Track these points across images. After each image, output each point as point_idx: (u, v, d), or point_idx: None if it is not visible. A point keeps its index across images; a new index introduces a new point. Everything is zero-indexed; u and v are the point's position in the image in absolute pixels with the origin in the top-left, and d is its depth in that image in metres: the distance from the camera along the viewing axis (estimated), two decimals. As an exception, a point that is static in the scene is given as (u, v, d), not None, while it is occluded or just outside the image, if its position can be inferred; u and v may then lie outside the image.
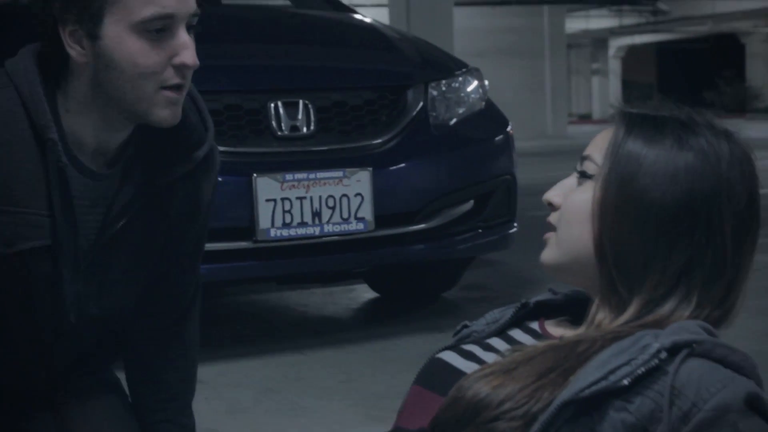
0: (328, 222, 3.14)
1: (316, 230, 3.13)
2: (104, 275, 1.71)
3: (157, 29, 1.54)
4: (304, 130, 3.21)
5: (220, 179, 2.97)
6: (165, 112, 1.58)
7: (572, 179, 1.20)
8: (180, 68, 1.56)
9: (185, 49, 1.56)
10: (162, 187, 1.70)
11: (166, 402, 1.85)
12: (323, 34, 3.85)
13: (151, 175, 1.69)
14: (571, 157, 1.72)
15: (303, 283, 4.08)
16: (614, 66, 34.43)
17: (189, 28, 1.59)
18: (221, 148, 3.08)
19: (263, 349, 3.28)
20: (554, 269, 1.19)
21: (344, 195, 3.16)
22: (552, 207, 1.20)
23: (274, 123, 3.18)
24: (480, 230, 3.53)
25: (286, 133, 3.19)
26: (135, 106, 1.58)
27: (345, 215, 3.16)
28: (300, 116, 3.21)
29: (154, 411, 1.85)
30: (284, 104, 3.20)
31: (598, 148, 1.16)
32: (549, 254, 1.19)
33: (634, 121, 1.14)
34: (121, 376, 1.87)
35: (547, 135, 19.09)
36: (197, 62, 1.58)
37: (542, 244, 1.21)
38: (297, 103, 3.22)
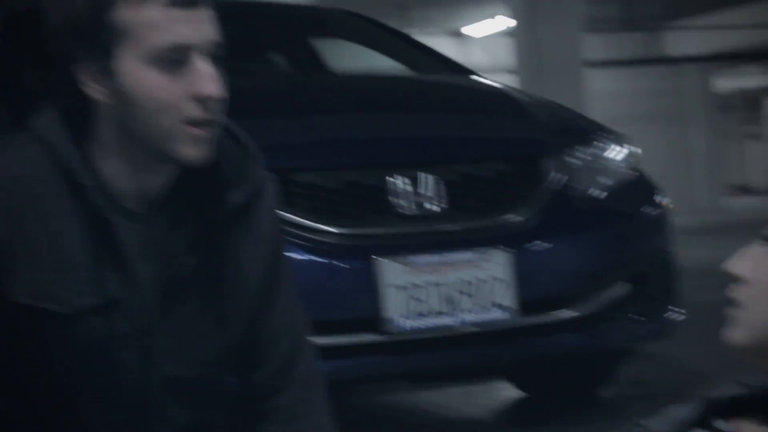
0: (465, 311, 3.13)
1: (453, 320, 3.12)
2: (175, 325, 1.77)
3: (174, 60, 1.64)
4: (431, 207, 3.23)
5: (339, 264, 3.10)
6: (191, 150, 1.67)
7: (759, 248, 1.18)
8: (202, 101, 1.65)
9: (206, 79, 1.65)
10: (217, 224, 1.78)
11: None
12: (445, 101, 3.90)
13: (203, 213, 1.76)
14: (732, 233, 1.69)
15: (438, 381, 4.07)
16: (773, 128, 33.80)
17: (213, 59, 1.67)
18: (340, 230, 3.16)
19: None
20: (745, 352, 1.17)
21: (481, 279, 3.16)
22: (735, 280, 1.18)
23: (397, 200, 3.21)
24: (638, 317, 3.48)
25: (411, 211, 3.21)
26: (159, 144, 1.67)
27: (483, 302, 3.16)
28: (426, 192, 3.24)
29: None
30: (407, 179, 3.23)
31: None
32: (739, 335, 1.17)
33: None
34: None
35: (701, 209, 18.80)
36: (221, 93, 1.66)
37: (708, 334, 1.17)
38: (421, 178, 3.25)
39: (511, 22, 9.91)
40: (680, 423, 1.22)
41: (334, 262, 3.11)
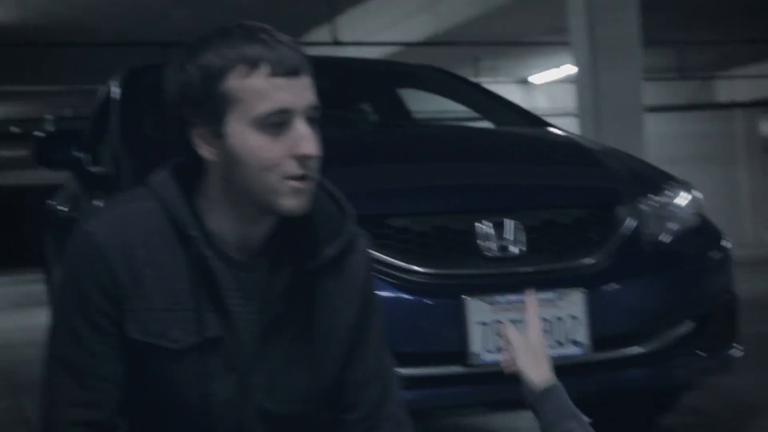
0: (542, 346, 3.13)
1: (530, 354, 3.12)
2: (271, 364, 1.81)
3: (276, 123, 1.70)
4: (514, 250, 3.25)
5: (429, 302, 3.12)
6: (291, 202, 1.73)
7: None
8: (301, 159, 1.71)
9: (305, 140, 1.71)
10: (312, 274, 1.82)
11: None
12: (525, 151, 3.92)
13: (300, 263, 1.81)
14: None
15: (513, 408, 4.06)
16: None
17: (311, 121, 1.73)
18: (430, 270, 3.19)
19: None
20: None
21: (558, 317, 3.17)
22: None
23: (482, 243, 3.23)
24: (700, 354, 3.46)
25: (495, 253, 3.23)
26: (263, 197, 1.73)
27: (560, 338, 3.16)
28: (509, 236, 3.26)
29: None
30: (492, 224, 3.25)
31: None
32: None
33: None
34: None
35: (746, 244, 18.53)
36: (318, 152, 1.72)
37: (762, 364, 1.17)
38: (504, 223, 3.27)
39: (573, 70, 9.89)
40: None
41: (425, 300, 3.13)
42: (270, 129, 1.70)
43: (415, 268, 3.18)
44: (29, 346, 8.21)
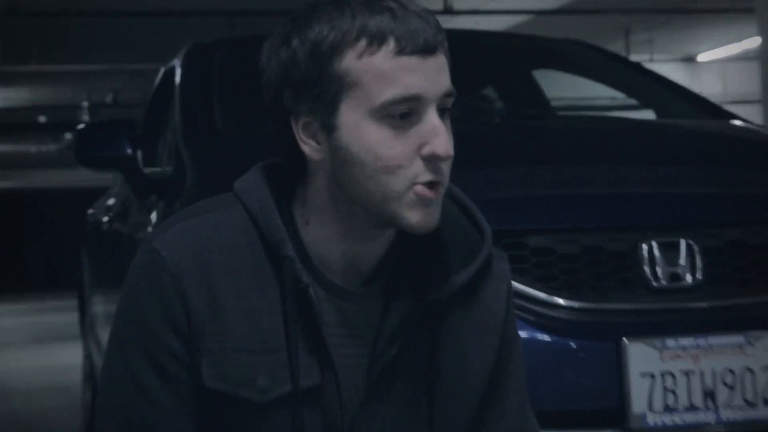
0: (726, 406, 3.07)
1: (710, 417, 3.07)
2: (380, 423, 1.79)
3: (402, 114, 1.68)
4: (689, 279, 3.19)
5: (577, 345, 3.08)
6: (417, 216, 1.70)
7: None
8: (431, 160, 1.68)
9: (436, 136, 1.68)
10: (437, 305, 1.79)
11: None
12: (701, 151, 3.86)
13: (421, 292, 1.78)
14: None
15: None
16: None
17: (443, 112, 1.70)
18: (578, 304, 3.15)
19: None
20: None
21: (748, 368, 3.10)
22: None
23: (648, 270, 3.18)
24: None
25: (664, 283, 3.18)
26: (381, 208, 1.70)
27: (750, 397, 3.09)
28: (682, 261, 3.20)
29: None
30: (660, 245, 3.20)
31: None
32: None
33: None
34: None
35: None
36: (451, 152, 1.69)
37: None
38: (677, 244, 3.21)
39: (756, 44, 9.77)
40: None
41: (571, 342, 3.10)
42: (394, 121, 1.68)
43: (560, 301, 3.15)
44: (52, 393, 8.39)
